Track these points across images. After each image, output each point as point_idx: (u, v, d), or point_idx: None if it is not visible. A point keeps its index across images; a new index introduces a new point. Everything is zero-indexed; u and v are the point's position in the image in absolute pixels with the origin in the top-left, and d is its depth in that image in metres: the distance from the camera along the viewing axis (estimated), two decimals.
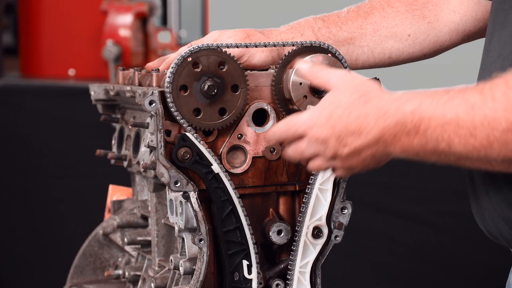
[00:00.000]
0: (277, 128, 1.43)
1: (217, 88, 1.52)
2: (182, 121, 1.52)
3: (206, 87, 1.52)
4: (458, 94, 1.27)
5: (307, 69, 1.49)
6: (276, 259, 1.62)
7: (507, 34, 1.45)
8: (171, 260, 1.59)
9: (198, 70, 1.52)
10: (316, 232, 1.59)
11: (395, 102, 1.30)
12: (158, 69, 1.63)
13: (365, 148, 1.34)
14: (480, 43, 1.63)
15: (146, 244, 1.78)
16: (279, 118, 1.59)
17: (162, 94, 1.51)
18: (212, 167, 1.53)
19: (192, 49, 1.52)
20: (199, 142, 1.53)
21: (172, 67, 1.51)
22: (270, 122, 1.59)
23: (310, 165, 1.43)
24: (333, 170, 1.44)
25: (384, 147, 1.32)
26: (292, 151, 1.42)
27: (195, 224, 1.52)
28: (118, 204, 1.90)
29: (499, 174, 1.41)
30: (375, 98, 1.33)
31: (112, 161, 1.85)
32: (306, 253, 1.59)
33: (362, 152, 1.35)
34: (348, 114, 1.33)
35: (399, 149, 1.32)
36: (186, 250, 1.57)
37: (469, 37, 1.77)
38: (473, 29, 1.75)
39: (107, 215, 1.99)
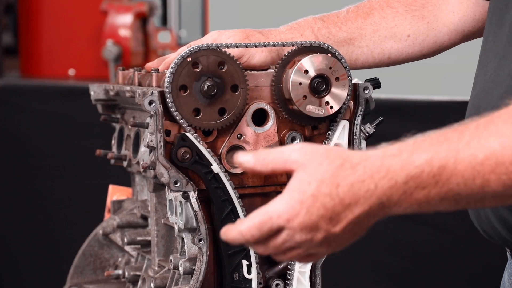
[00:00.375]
0: (245, 229, 1.15)
1: (216, 88, 1.52)
2: (181, 121, 1.52)
3: (205, 87, 1.52)
4: (478, 131, 1.13)
5: (250, 159, 1.17)
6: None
7: (504, 34, 1.45)
8: (171, 260, 1.59)
9: (198, 70, 1.52)
10: None
11: (395, 158, 1.13)
12: (158, 69, 1.63)
13: (363, 216, 1.15)
14: (479, 42, 1.63)
15: (146, 244, 1.79)
16: (278, 118, 1.59)
17: (161, 94, 1.51)
18: (211, 167, 1.53)
19: (191, 49, 1.52)
20: (199, 142, 1.53)
21: (171, 67, 1.51)
22: (270, 122, 1.59)
23: (285, 257, 1.19)
24: (311, 256, 1.21)
25: (387, 208, 1.15)
26: (268, 248, 1.17)
27: (194, 224, 1.52)
28: (118, 204, 1.91)
29: None
30: (363, 161, 1.14)
31: (112, 161, 1.85)
32: None
33: (359, 223, 1.16)
34: (336, 187, 1.13)
35: (406, 205, 1.15)
36: (186, 250, 1.57)
37: (468, 37, 1.77)
38: (472, 29, 1.75)
39: (107, 215, 1.99)
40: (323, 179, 1.13)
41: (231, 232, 1.16)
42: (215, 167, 1.53)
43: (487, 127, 1.12)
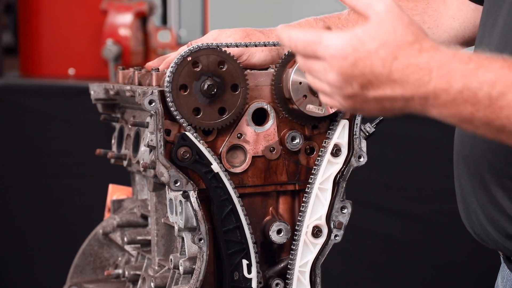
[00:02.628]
0: (295, 37, 1.15)
1: (216, 87, 1.53)
2: (181, 120, 1.52)
3: (205, 86, 1.52)
4: None
5: None
6: (276, 259, 1.62)
7: (496, 35, 1.45)
8: (171, 259, 1.59)
9: (198, 69, 1.52)
10: (316, 232, 1.59)
11: (462, 64, 1.10)
12: (158, 69, 1.63)
13: (400, 100, 1.13)
14: None
15: (146, 244, 1.79)
16: (279, 117, 1.59)
17: (161, 94, 1.51)
18: (211, 166, 1.53)
19: (191, 48, 1.52)
20: (199, 141, 1.53)
21: (171, 67, 1.51)
22: (270, 122, 1.59)
23: (313, 83, 1.20)
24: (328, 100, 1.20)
25: (428, 107, 1.12)
26: (303, 64, 1.19)
27: (194, 224, 1.52)
28: (118, 204, 1.91)
29: (486, 176, 1.41)
30: (433, 51, 1.11)
31: (112, 161, 1.85)
32: (306, 253, 1.59)
33: (392, 104, 1.14)
34: (394, 59, 1.11)
35: (448, 114, 1.12)
36: (186, 249, 1.57)
37: (468, 43, 1.76)
38: (472, 36, 1.74)
39: (107, 215, 1.99)
40: (387, 44, 1.11)
41: (285, 32, 1.16)
42: (215, 167, 1.53)
43: None
